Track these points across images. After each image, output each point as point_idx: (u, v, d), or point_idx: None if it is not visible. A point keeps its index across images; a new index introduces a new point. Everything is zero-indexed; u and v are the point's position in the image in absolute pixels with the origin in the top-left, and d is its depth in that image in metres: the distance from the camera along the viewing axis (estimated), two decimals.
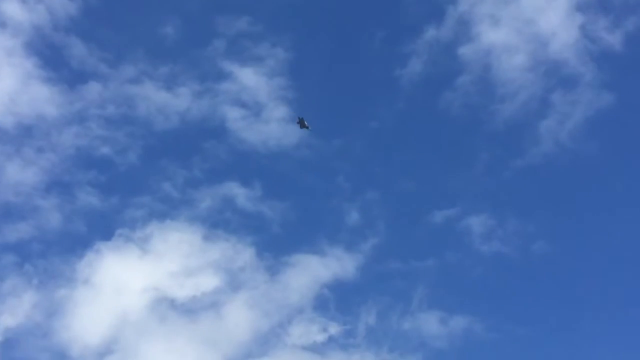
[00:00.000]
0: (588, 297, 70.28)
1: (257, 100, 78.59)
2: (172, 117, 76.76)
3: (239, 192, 74.32)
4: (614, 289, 70.59)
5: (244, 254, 71.71)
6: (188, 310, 68.25)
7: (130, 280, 68.58)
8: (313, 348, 68.50)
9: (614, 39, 78.38)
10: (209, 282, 69.81)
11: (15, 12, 76.48)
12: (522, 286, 72.47)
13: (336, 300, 70.97)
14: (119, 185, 73.74)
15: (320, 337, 68.64)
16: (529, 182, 75.97)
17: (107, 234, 70.60)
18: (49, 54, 77.76)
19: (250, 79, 78.78)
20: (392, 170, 76.95)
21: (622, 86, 77.33)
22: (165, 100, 77.25)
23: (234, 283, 70.27)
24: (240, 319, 68.83)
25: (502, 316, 70.50)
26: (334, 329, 69.38)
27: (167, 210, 72.81)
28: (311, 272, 71.83)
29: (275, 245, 72.69)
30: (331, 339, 68.71)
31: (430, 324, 69.56)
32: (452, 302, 70.78)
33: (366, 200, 74.89)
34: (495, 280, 72.78)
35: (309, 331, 69.11)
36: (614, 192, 74.61)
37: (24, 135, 73.93)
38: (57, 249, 69.70)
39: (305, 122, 65.05)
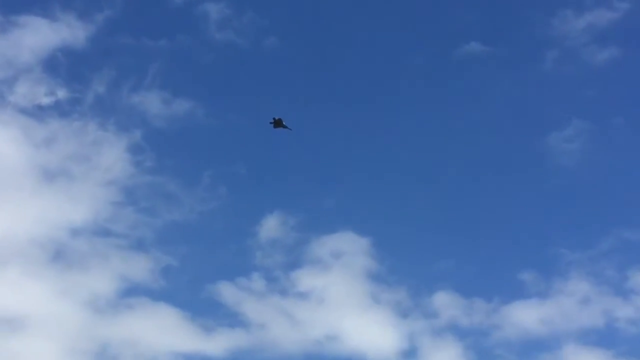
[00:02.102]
0: (313, 96, 74.10)
1: None
2: None
3: None
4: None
5: None
6: None
7: None
8: (35, 113, 68.33)
9: None
10: None
11: None
12: (249, 79, 74.98)
13: (67, 66, 70.76)
14: None
15: (46, 100, 68.66)
16: None
17: None
18: None
19: None
20: None
21: None
22: None
23: None
24: None
25: (225, 105, 73.07)
26: (62, 93, 69.44)
27: None
28: (41, 35, 70.86)
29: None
30: (58, 104, 68.90)
31: (154, 103, 71.00)
32: (178, 85, 72.36)
33: None
34: (224, 70, 74.77)
35: (35, 92, 68.89)
36: None
37: None
38: None
39: (283, 122, 59.46)
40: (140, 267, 67.36)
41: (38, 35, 71.94)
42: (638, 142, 75.70)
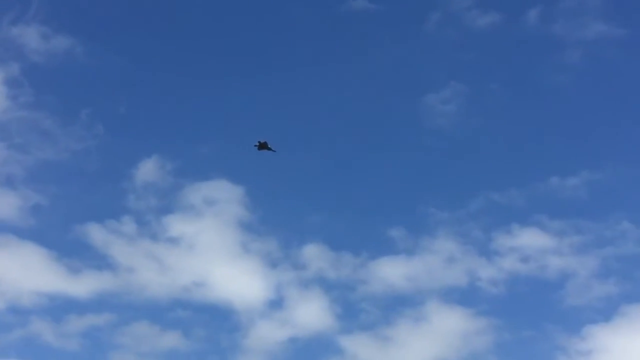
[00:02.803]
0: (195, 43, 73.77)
1: None
2: None
3: None
4: None
5: None
6: None
7: None
8: None
9: None
10: None
11: None
12: (131, 20, 74.12)
13: None
14: None
15: None
16: None
17: None
18: None
19: None
20: None
21: None
22: None
23: None
24: None
25: (106, 45, 72.08)
26: None
27: None
28: None
29: None
30: None
31: (34, 37, 69.76)
32: (59, 21, 71.14)
33: None
34: (106, 10, 73.78)
35: None
36: None
37: None
38: None
39: (268, 145, 59.40)
40: (7, 205, 66.27)
41: None
42: (511, 107, 77.62)
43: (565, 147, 77.21)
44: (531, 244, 74.38)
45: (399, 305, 69.58)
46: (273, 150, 59.70)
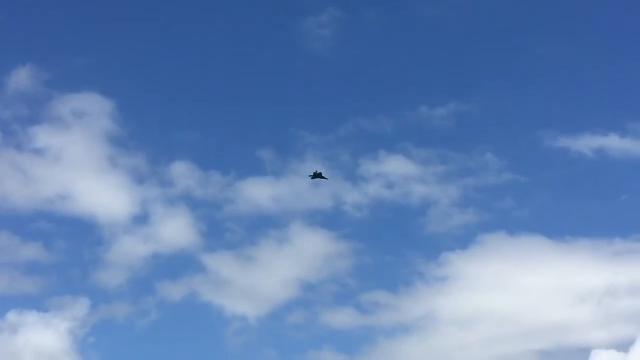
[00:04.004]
0: None
1: None
2: None
3: None
4: None
5: None
6: None
7: None
8: None
9: None
10: None
11: None
12: None
13: None
14: None
15: None
16: None
17: None
18: None
19: None
20: None
21: None
22: None
23: None
24: None
25: None
26: None
27: None
28: None
29: None
30: None
31: None
32: None
33: None
34: None
35: None
36: None
37: None
38: None
39: (322, 174, 64.41)
40: None
41: None
42: (386, 36, 78.53)
43: (436, 78, 78.74)
44: (396, 171, 76.11)
45: (264, 226, 70.61)
46: (326, 179, 63.62)
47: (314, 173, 64.26)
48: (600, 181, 77.74)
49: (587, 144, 79.07)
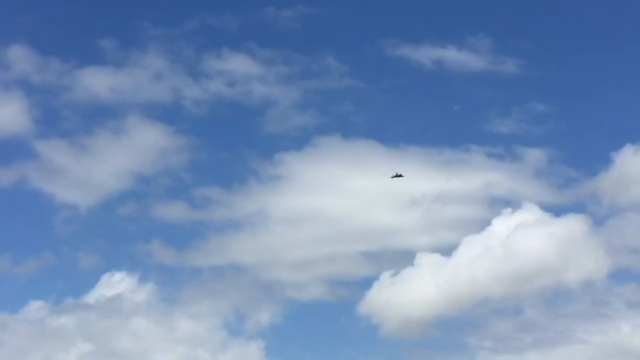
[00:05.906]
0: None
1: None
2: None
3: None
4: None
5: None
6: None
7: None
8: None
9: None
10: None
11: None
12: None
13: None
14: None
15: None
16: None
17: None
18: None
19: None
20: None
21: None
22: None
23: None
24: None
25: None
26: None
27: None
28: None
29: None
30: None
31: None
32: None
33: None
34: None
35: None
36: None
37: None
38: None
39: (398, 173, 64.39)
40: None
41: None
42: None
43: None
44: (239, 69, 76.79)
45: (100, 116, 70.34)
46: (402, 176, 63.89)
47: (395, 174, 63.70)
48: (435, 91, 79.96)
49: (426, 54, 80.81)
